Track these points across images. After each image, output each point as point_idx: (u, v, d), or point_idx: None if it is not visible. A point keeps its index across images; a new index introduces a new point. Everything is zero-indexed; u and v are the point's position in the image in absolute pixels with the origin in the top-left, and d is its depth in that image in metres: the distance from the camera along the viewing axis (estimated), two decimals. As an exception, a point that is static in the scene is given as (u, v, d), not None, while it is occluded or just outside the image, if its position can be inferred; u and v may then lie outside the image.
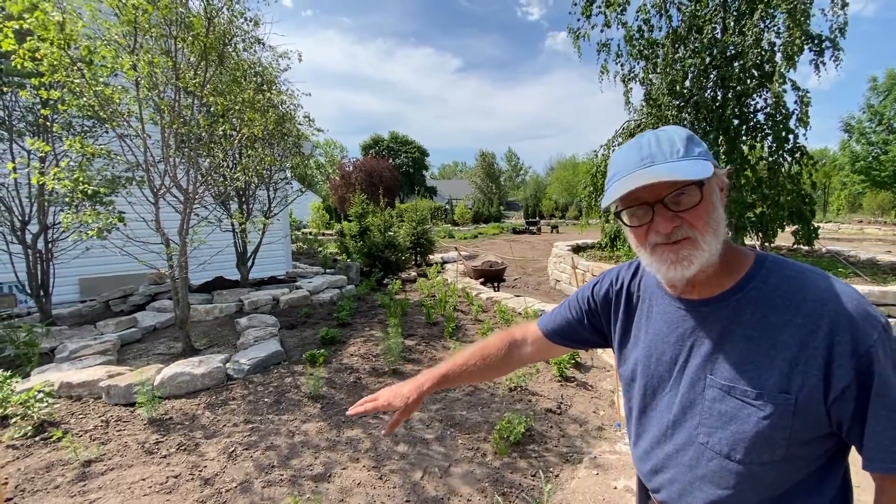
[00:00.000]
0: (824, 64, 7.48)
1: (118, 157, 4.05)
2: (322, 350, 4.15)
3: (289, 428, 3.05)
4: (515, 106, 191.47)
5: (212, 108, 4.63)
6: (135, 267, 4.42)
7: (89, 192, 3.87)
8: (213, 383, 3.65)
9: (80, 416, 3.18)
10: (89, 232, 3.73)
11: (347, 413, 1.09)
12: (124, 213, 4.17)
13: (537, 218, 34.56)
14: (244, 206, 6.45)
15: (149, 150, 3.99)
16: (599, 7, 8.28)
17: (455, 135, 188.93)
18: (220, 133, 4.55)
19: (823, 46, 7.39)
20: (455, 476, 2.53)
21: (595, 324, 1.04)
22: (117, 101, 3.74)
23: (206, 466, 2.62)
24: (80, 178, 3.81)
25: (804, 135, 7.51)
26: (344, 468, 2.60)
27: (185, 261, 4.27)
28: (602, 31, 8.44)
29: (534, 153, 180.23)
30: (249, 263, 6.74)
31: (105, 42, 3.71)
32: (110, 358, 4.13)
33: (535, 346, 1.13)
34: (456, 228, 26.42)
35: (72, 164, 4.48)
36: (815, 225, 7.56)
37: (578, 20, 8.55)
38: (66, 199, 4.24)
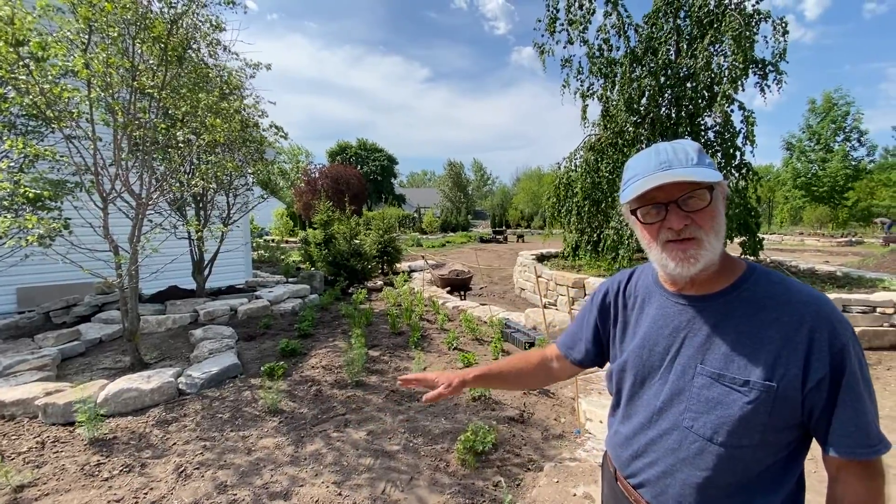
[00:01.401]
0: (768, 86, 8.05)
1: (65, 160, 3.82)
2: (282, 362, 4.03)
3: (246, 444, 2.93)
4: (483, 117, 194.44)
5: (171, 112, 4.46)
6: (80, 276, 4.15)
7: (31, 195, 3.63)
8: (163, 399, 3.47)
9: (13, 438, 2.94)
10: (29, 238, 3.48)
11: (398, 382, 1.15)
12: (70, 218, 3.92)
13: (504, 227, 35.10)
14: (202, 213, 6.21)
15: (99, 153, 3.78)
16: (563, 25, 8.58)
17: (424, 144, 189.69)
18: (179, 137, 4.38)
19: (767, 70, 7.95)
20: (419, 487, 2.50)
21: (596, 329, 1.12)
22: (66, 99, 3.53)
23: (153, 488, 2.48)
24: (22, 181, 3.56)
25: (750, 152, 8.04)
26: (304, 485, 2.52)
27: (136, 269, 4.06)
28: (565, 47, 8.75)
29: (501, 164, 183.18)
30: (206, 272, 6.48)
31: (56, 40, 3.51)
32: (49, 374, 3.86)
33: (559, 362, 1.23)
34: (424, 237, 26.41)
35: (12, 165, 4.19)
36: (761, 237, 8.06)
37: (543, 36, 8.84)
38: (5, 203, 3.95)
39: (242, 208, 6.91)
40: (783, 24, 7.75)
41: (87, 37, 3.57)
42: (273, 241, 21.14)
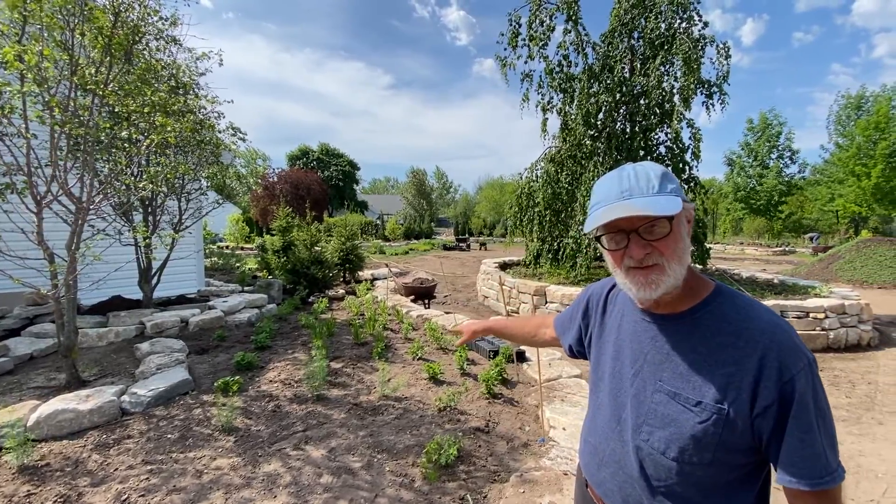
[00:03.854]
0: (713, 105, 8.59)
1: (-8, 159, 3.49)
2: (237, 377, 3.83)
3: (196, 466, 2.75)
4: (446, 126, 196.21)
5: (116, 109, 4.18)
6: (8, 285, 3.78)
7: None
8: (104, 420, 3.20)
9: (-77, 470, 2.62)
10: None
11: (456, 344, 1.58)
12: (-2, 223, 3.58)
13: (467, 235, 35.30)
14: (150, 218, 5.84)
15: (33, 152, 3.48)
16: (524, 40, 8.81)
17: (386, 150, 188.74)
18: (125, 137, 4.10)
19: (712, 91, 8.49)
20: (382, 506, 2.43)
21: (580, 330, 1.19)
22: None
23: (91, 519, 2.27)
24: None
25: (697, 167, 8.52)
26: (260, 507, 2.39)
27: (75, 279, 3.75)
28: (526, 62, 8.98)
29: (464, 172, 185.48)
30: (154, 281, 6.09)
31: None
32: (-31, 395, 3.48)
33: (552, 335, 1.37)
34: (387, 244, 26.12)
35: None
36: (707, 246, 8.55)
37: (505, 49, 9.03)
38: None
39: (195, 214, 6.56)
40: (726, 48, 8.31)
41: (20, 27, 3.30)
42: (228, 247, 20.27)
